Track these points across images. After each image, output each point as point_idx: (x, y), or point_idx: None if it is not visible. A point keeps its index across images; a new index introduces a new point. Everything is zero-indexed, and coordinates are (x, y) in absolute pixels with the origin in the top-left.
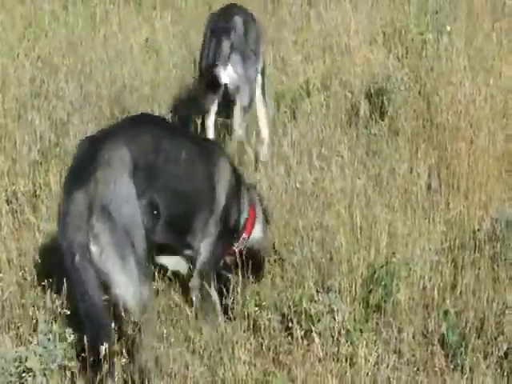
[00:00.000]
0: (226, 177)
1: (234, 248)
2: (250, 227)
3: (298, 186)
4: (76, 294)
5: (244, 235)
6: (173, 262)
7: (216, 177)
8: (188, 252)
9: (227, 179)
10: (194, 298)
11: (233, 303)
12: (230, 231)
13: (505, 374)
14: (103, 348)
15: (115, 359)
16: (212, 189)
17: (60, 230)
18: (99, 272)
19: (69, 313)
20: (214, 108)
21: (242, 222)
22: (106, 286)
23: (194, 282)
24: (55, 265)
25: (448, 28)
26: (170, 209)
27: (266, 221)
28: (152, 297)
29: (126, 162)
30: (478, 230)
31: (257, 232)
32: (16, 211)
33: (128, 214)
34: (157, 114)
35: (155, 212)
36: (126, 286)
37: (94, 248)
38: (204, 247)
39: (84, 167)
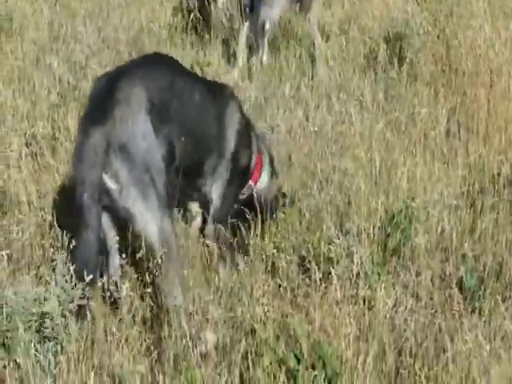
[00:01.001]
0: (235, 121)
1: (240, 195)
2: (257, 175)
3: (316, 129)
4: (76, 230)
5: (250, 182)
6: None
7: (226, 120)
8: (199, 197)
9: (237, 123)
10: (209, 244)
11: (251, 245)
12: (240, 176)
13: None
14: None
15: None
16: (221, 132)
17: (74, 165)
18: (120, 207)
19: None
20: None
21: (252, 161)
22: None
23: (209, 229)
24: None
25: None
26: (181, 151)
27: (273, 171)
28: (174, 231)
29: (143, 100)
30: (498, 174)
31: (263, 181)
32: (35, 154)
33: (146, 150)
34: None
35: (172, 154)
36: (148, 221)
37: (113, 186)
38: (215, 192)
39: (101, 105)
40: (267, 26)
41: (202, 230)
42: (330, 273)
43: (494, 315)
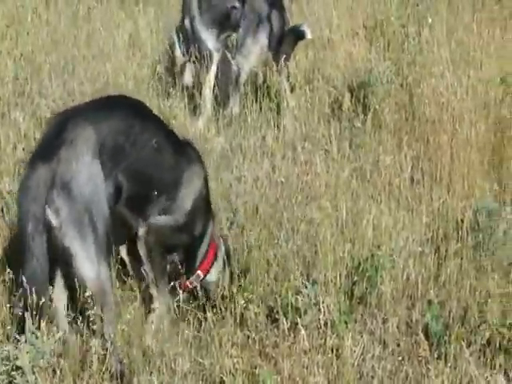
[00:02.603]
0: (197, 184)
1: (188, 284)
2: (207, 266)
3: (282, 179)
4: (22, 260)
5: (199, 272)
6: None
7: (185, 177)
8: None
9: (198, 187)
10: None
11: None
12: (192, 239)
13: (488, 361)
14: None
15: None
16: (176, 186)
17: (18, 197)
18: (60, 245)
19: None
20: None
21: (204, 246)
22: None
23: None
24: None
25: (429, 20)
26: (130, 189)
27: (228, 266)
28: (110, 278)
29: (91, 143)
30: (461, 220)
31: (212, 275)
32: (2, 210)
33: (89, 193)
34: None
35: (119, 192)
36: (83, 264)
37: (54, 221)
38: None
39: (50, 143)
40: (242, 78)
41: None
42: (297, 323)
43: (459, 360)
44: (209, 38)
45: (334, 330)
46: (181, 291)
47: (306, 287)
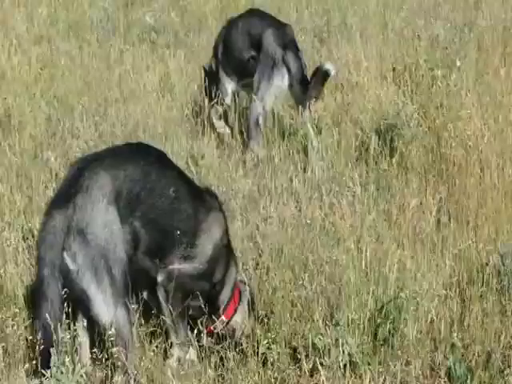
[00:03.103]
0: (217, 232)
1: (212, 328)
2: (231, 311)
3: (308, 221)
4: (36, 303)
5: (223, 318)
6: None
7: (204, 225)
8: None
9: (218, 234)
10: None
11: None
12: (212, 285)
13: None
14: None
15: None
16: (195, 234)
17: (36, 244)
18: (78, 289)
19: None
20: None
21: (226, 292)
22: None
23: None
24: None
25: (458, 63)
26: (147, 237)
27: (251, 308)
28: (128, 320)
29: (107, 190)
30: (486, 264)
31: (237, 320)
32: (32, 248)
33: (104, 239)
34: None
35: (137, 239)
36: (100, 307)
37: (72, 266)
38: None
39: (67, 191)
40: (261, 120)
41: None
42: (319, 363)
43: None
44: (229, 85)
45: (356, 370)
46: (205, 332)
47: (329, 328)
